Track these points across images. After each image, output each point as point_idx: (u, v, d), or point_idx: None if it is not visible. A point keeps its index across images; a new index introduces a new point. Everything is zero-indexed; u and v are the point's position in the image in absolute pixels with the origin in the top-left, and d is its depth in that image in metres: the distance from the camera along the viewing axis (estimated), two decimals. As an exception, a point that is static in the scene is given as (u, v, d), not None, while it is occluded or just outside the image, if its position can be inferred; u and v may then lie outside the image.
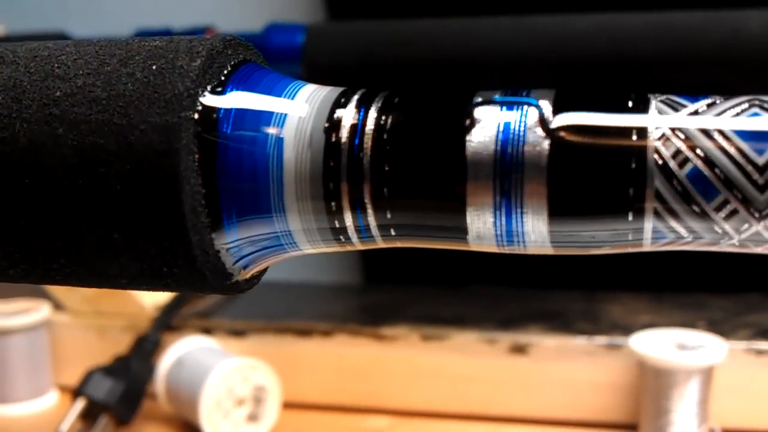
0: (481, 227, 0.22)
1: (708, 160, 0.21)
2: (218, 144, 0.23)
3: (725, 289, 0.67)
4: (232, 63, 0.24)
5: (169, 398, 0.60)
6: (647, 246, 0.23)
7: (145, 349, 0.61)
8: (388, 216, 0.23)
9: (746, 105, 0.22)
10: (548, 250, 0.23)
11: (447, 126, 0.22)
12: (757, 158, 0.21)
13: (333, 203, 0.23)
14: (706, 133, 0.21)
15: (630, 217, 0.22)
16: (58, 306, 0.66)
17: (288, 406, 0.60)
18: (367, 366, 0.61)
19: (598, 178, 0.21)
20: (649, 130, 0.22)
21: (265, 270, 0.26)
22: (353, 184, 0.23)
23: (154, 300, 0.65)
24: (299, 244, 0.24)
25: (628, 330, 0.57)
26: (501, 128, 0.22)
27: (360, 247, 0.24)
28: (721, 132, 0.21)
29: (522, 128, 0.22)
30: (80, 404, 0.57)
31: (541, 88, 0.23)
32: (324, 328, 0.61)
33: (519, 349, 0.58)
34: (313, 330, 0.61)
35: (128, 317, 0.64)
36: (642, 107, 0.22)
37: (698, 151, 0.21)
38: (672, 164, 0.21)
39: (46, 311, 0.64)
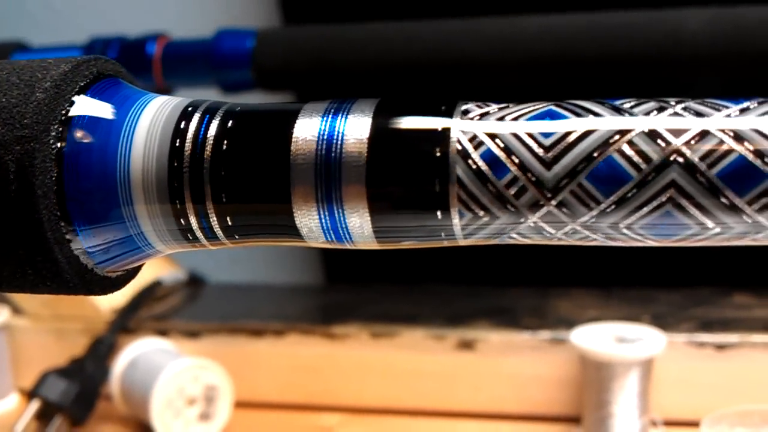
0: (310, 226, 0.24)
1: (504, 148, 0.23)
2: (71, 154, 0.24)
3: (676, 284, 0.68)
4: (90, 78, 0.25)
5: (124, 399, 0.61)
6: (461, 240, 0.24)
7: (100, 351, 0.62)
8: (228, 218, 0.25)
9: (543, 107, 0.23)
10: (374, 245, 0.24)
11: (274, 135, 0.24)
12: (544, 141, 0.23)
13: (178, 205, 0.24)
14: (506, 130, 0.23)
15: (438, 213, 0.23)
16: (16, 310, 0.67)
17: (241, 405, 0.61)
18: (318, 364, 0.62)
19: (409, 175, 0.23)
20: (452, 130, 0.23)
21: (140, 266, 0.28)
22: (195, 188, 0.24)
23: (110, 303, 0.66)
24: (154, 244, 0.25)
25: (574, 325, 0.58)
26: (323, 135, 0.23)
27: (210, 246, 0.26)
28: (514, 132, 0.23)
29: (341, 134, 0.23)
30: (35, 405, 0.58)
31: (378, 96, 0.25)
32: (276, 328, 0.62)
33: (466, 345, 0.59)
34: (266, 330, 0.62)
35: (86, 320, 0.65)
36: (449, 111, 0.23)
37: (497, 141, 0.23)
38: (471, 152, 0.23)
39: (5, 315, 0.65)
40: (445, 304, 0.65)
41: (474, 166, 0.23)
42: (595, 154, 0.22)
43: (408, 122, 0.23)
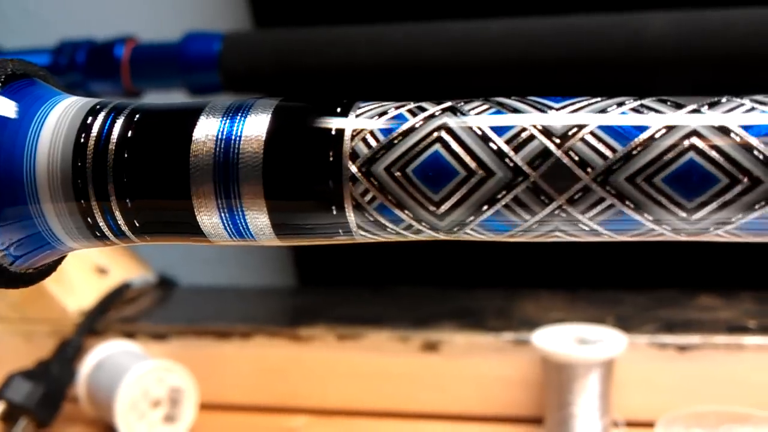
0: (212, 225, 0.24)
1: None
2: None
3: (644, 286, 0.69)
4: (3, 79, 0.25)
5: (90, 401, 0.61)
6: (358, 236, 0.24)
7: (66, 353, 0.62)
8: (133, 216, 0.25)
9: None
10: (276, 242, 0.25)
11: (175, 135, 0.24)
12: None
13: (83, 203, 0.25)
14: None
15: (333, 210, 0.24)
16: (-15, 313, 0.67)
17: (208, 407, 0.61)
18: (284, 366, 0.62)
19: (304, 173, 0.23)
20: (346, 129, 0.24)
21: (61, 259, 0.28)
22: (99, 186, 0.25)
23: (79, 306, 0.66)
24: (65, 241, 0.26)
25: (538, 326, 0.58)
26: (222, 135, 0.24)
27: (121, 243, 0.26)
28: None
29: (239, 135, 0.24)
30: (0, 407, 0.58)
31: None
32: (243, 331, 0.62)
33: (431, 347, 0.60)
34: (232, 332, 0.62)
35: (53, 323, 0.65)
36: (346, 110, 0.24)
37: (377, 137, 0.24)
38: (362, 151, 0.23)
39: (-27, 318, 0.65)
40: (412, 306, 0.65)
41: (365, 168, 0.23)
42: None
43: (304, 122, 0.24)
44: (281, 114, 0.24)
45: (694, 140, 0.23)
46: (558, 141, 0.23)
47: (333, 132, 0.24)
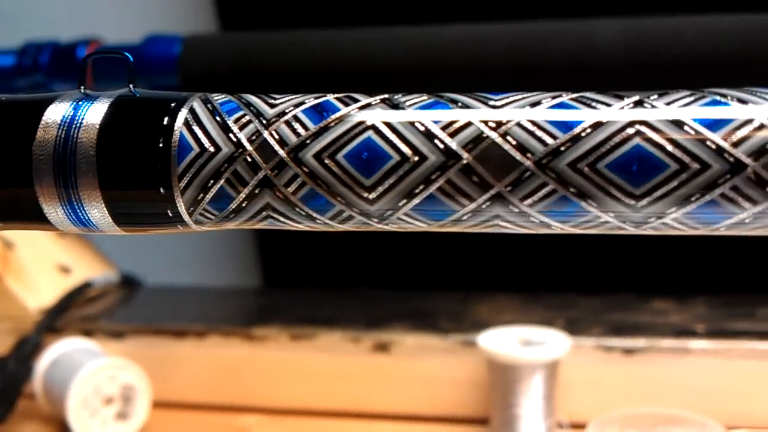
0: (58, 217, 0.25)
1: (213, 143, 0.25)
2: None
3: (602, 290, 0.69)
4: None
5: (46, 397, 0.61)
6: (194, 225, 0.25)
7: (24, 351, 0.63)
8: None
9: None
10: (119, 231, 0.25)
11: (24, 120, 0.25)
12: None
13: None
14: (220, 125, 0.25)
15: (162, 191, 0.25)
16: (-53, 310, 0.68)
17: (162, 405, 0.62)
18: (239, 365, 0.62)
19: (135, 164, 0.24)
20: (177, 121, 0.25)
21: None
22: None
23: (39, 304, 0.66)
24: None
25: (489, 328, 0.59)
26: (64, 122, 0.24)
27: None
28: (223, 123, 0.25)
29: (80, 123, 0.24)
30: (-45, 404, 0.58)
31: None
32: (198, 330, 0.63)
33: (382, 348, 0.60)
34: (188, 331, 0.63)
35: (13, 320, 0.66)
36: (181, 103, 0.25)
37: (208, 135, 0.25)
38: (192, 143, 0.25)
39: (-65, 315, 0.66)
40: (368, 308, 0.66)
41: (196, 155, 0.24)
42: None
43: (137, 113, 0.24)
44: (120, 104, 0.25)
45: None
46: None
47: (164, 123, 0.24)
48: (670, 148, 0.23)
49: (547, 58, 0.60)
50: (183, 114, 0.24)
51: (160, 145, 0.24)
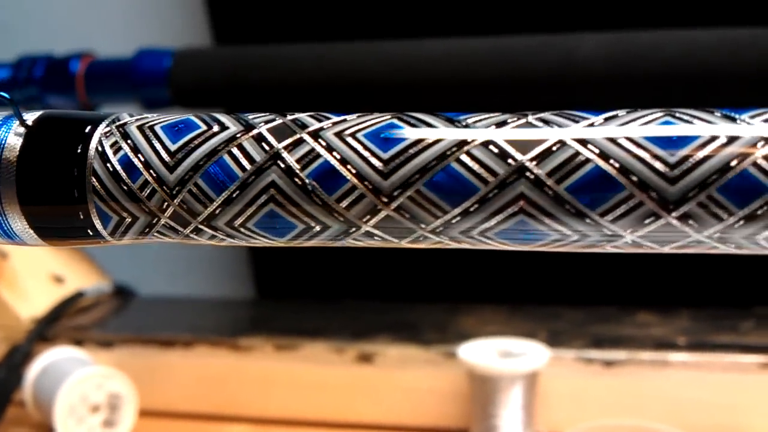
0: None
1: (134, 149, 0.25)
2: None
3: (588, 302, 0.69)
4: None
5: (35, 405, 0.62)
6: (111, 239, 0.26)
7: (15, 359, 0.64)
8: None
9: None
10: (43, 244, 0.26)
11: None
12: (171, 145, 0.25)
13: None
14: (142, 130, 0.25)
15: (81, 215, 0.25)
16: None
17: (149, 413, 0.63)
18: (225, 375, 0.63)
19: (51, 179, 0.25)
20: (93, 138, 0.25)
21: None
22: None
23: (31, 313, 0.68)
24: None
25: (472, 340, 0.59)
26: None
27: None
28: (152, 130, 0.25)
29: (5, 138, 0.25)
30: (-55, 411, 0.59)
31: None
32: (185, 340, 0.64)
33: (365, 358, 0.61)
34: (176, 341, 0.64)
35: (6, 329, 0.67)
36: (99, 121, 0.26)
37: (129, 142, 0.26)
38: (111, 157, 0.25)
39: (-71, 324, 0.67)
40: (354, 319, 0.67)
41: (111, 170, 0.25)
42: (206, 161, 0.25)
43: (55, 130, 0.25)
44: (42, 121, 0.26)
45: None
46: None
47: (81, 138, 0.25)
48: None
49: (530, 73, 0.60)
50: (95, 140, 0.25)
51: (75, 173, 0.25)
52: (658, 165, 0.24)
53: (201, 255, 0.87)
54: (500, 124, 0.26)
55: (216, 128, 0.25)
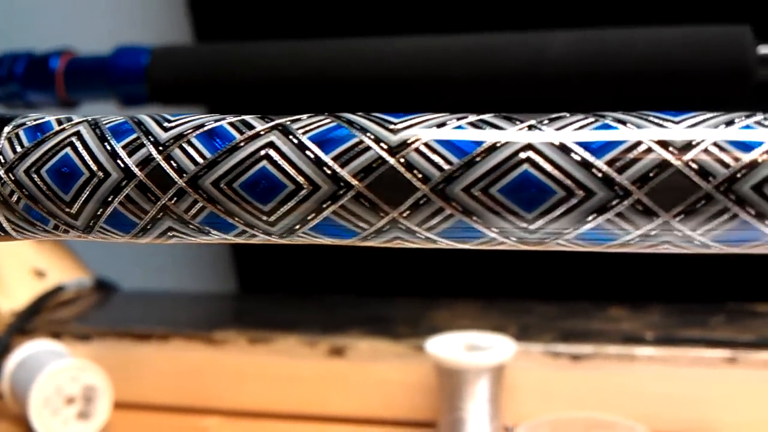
0: None
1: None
2: None
3: (563, 297, 0.70)
4: None
5: (12, 397, 0.63)
6: (18, 238, 0.27)
7: (-7, 352, 0.65)
8: None
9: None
10: None
11: None
12: None
13: None
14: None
15: None
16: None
17: (124, 405, 0.64)
18: (199, 368, 0.64)
19: None
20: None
21: None
22: None
23: (12, 307, 0.69)
24: None
25: (443, 333, 0.60)
26: None
27: None
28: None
29: None
30: (-77, 402, 0.60)
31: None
32: (161, 333, 0.65)
33: (337, 352, 0.62)
34: (152, 335, 0.65)
35: (-14, 322, 0.68)
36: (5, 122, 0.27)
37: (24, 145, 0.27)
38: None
39: None
40: (327, 313, 0.68)
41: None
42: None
43: None
44: None
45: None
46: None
47: None
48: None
49: (500, 70, 0.61)
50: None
51: None
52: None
53: (184, 250, 0.87)
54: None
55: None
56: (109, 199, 0.25)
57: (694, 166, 0.24)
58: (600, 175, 0.24)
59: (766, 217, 0.24)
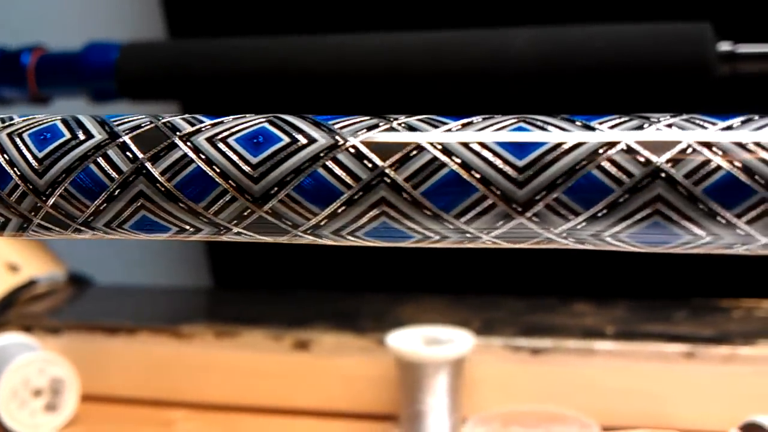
0: None
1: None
2: None
3: (532, 293, 0.71)
4: None
5: (-19, 390, 0.64)
6: None
7: (-37, 345, 0.65)
8: None
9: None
10: None
11: None
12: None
13: None
14: (11, 137, 0.27)
15: None
16: None
17: (92, 398, 0.64)
18: (166, 362, 0.65)
19: None
20: None
21: None
22: None
23: (-17, 300, 0.69)
24: None
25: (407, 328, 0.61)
26: None
27: None
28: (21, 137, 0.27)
29: None
30: None
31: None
32: (129, 327, 0.65)
33: (302, 345, 0.62)
34: (120, 328, 0.65)
35: (-42, 316, 0.69)
36: None
37: None
38: None
39: None
40: (294, 307, 0.68)
41: None
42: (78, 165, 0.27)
43: None
44: None
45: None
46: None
47: None
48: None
49: (462, 66, 0.61)
50: None
51: None
52: (507, 169, 0.25)
53: (160, 245, 0.88)
54: (370, 128, 0.26)
55: (81, 136, 0.27)
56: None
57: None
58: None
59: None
